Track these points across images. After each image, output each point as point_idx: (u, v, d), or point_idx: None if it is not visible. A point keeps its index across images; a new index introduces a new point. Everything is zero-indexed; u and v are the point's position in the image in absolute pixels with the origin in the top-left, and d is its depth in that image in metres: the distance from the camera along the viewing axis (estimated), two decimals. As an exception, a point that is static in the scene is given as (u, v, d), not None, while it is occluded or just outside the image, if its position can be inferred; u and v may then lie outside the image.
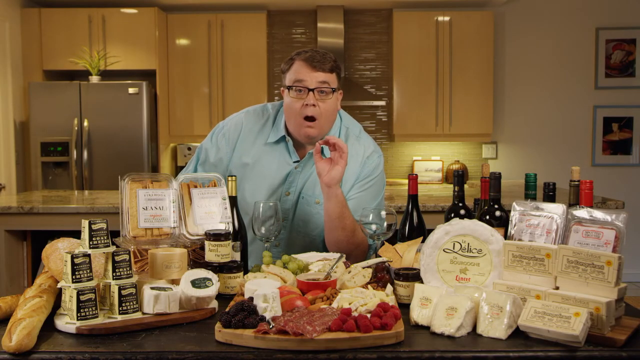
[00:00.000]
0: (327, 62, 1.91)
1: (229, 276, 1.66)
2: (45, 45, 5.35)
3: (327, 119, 1.94)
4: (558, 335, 1.27)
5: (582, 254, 1.36)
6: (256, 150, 2.05)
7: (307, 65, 1.90)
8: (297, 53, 1.95)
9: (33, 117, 5.08)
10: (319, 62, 1.89)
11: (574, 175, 1.65)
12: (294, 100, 1.92)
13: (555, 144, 5.88)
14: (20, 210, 3.25)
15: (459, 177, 1.83)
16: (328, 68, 1.91)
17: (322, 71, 1.90)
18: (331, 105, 1.94)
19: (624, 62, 5.79)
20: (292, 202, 2.03)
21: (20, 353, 1.25)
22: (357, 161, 2.03)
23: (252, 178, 2.04)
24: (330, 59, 1.93)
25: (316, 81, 1.90)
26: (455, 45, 5.53)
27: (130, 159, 5.11)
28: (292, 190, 2.02)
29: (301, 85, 1.90)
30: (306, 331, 1.25)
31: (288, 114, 1.97)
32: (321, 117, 1.92)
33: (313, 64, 1.89)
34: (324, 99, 1.91)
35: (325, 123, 1.95)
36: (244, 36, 5.54)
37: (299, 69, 1.91)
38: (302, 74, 1.90)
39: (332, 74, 1.92)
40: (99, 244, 1.44)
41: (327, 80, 1.90)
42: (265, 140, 2.04)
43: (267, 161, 2.03)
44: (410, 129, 5.60)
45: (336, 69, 1.94)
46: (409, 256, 1.69)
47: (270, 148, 2.04)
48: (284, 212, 2.01)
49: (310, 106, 1.90)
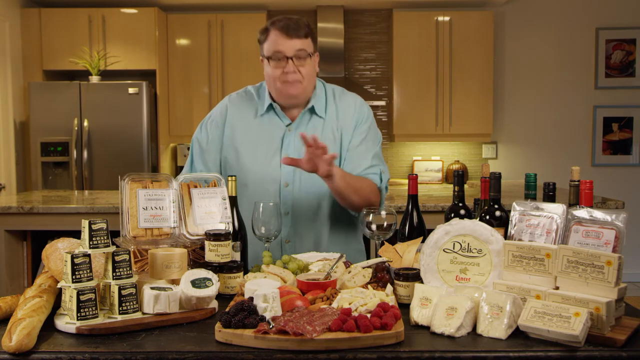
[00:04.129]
0: (301, 28, 1.99)
1: (229, 276, 1.66)
2: (45, 45, 5.35)
3: (308, 81, 2.04)
4: (558, 335, 1.26)
5: (582, 254, 1.36)
6: (247, 124, 2.11)
7: (283, 35, 1.98)
8: (271, 22, 2.02)
9: (33, 117, 5.08)
10: (294, 30, 1.98)
11: (574, 175, 1.65)
12: (274, 70, 2.01)
13: (555, 144, 5.88)
14: (20, 210, 3.25)
15: (459, 177, 1.83)
16: (303, 34, 1.99)
17: (297, 38, 1.98)
18: (310, 69, 2.04)
19: (624, 62, 5.79)
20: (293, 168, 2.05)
21: (20, 353, 1.25)
22: (351, 108, 2.13)
23: (249, 146, 2.09)
24: (304, 25, 2.01)
25: (293, 49, 1.98)
26: (455, 45, 5.53)
27: (130, 159, 5.11)
28: (292, 151, 2.06)
29: (279, 55, 1.98)
30: (306, 331, 1.25)
31: (269, 82, 2.06)
32: (303, 80, 2.02)
33: (289, 33, 1.97)
34: (303, 64, 2.01)
35: (307, 85, 2.04)
36: (244, 36, 5.54)
37: (276, 38, 1.99)
38: (279, 43, 1.98)
39: (308, 39, 2.01)
40: (99, 244, 1.44)
41: (303, 47, 1.99)
42: (255, 114, 2.12)
43: (261, 129, 2.10)
44: (410, 129, 5.60)
45: (310, 34, 2.03)
46: (409, 256, 1.69)
47: (260, 119, 2.11)
48: (287, 176, 2.05)
49: (291, 73, 1.99)
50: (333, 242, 2.12)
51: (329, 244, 2.11)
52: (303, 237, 2.08)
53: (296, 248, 2.07)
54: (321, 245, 2.10)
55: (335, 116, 2.11)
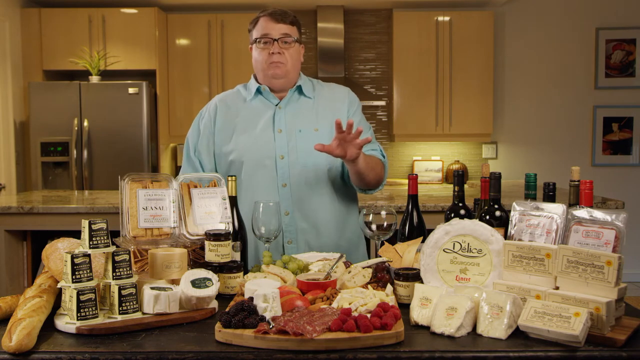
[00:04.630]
0: (288, 16, 2.14)
1: (229, 276, 1.66)
2: (45, 45, 5.35)
3: (292, 65, 2.14)
4: (558, 335, 1.26)
5: (582, 254, 1.36)
6: (237, 110, 2.19)
7: (271, 20, 2.12)
8: (260, 12, 2.17)
9: (33, 117, 5.08)
10: (281, 16, 2.12)
11: (574, 175, 1.65)
12: (260, 52, 2.13)
13: (555, 144, 5.88)
14: (20, 210, 3.25)
15: (459, 177, 1.83)
16: (289, 21, 2.13)
17: (283, 23, 2.11)
18: (294, 54, 2.15)
19: (624, 62, 5.79)
20: (291, 138, 2.11)
21: (20, 353, 1.25)
22: (341, 90, 2.25)
23: (242, 126, 2.16)
24: (291, 15, 2.16)
25: (279, 32, 2.11)
26: (455, 45, 5.53)
27: (130, 159, 5.11)
28: (283, 126, 2.13)
29: (267, 37, 2.11)
30: (306, 331, 1.25)
31: (256, 65, 2.17)
32: (287, 62, 2.12)
33: (275, 18, 2.11)
34: (288, 47, 2.12)
35: (291, 68, 2.14)
36: (244, 36, 5.53)
37: (264, 24, 2.13)
38: (267, 28, 2.12)
39: (293, 27, 2.14)
40: (99, 244, 1.44)
41: (288, 32, 2.12)
42: (243, 102, 2.21)
43: (252, 111, 2.18)
44: (410, 129, 5.60)
45: (296, 23, 2.17)
46: (409, 256, 1.69)
47: (249, 103, 2.20)
48: (282, 149, 2.10)
49: (276, 54, 2.10)
50: (333, 215, 2.14)
51: (329, 218, 2.13)
52: (304, 207, 2.10)
53: (296, 221, 2.09)
54: (321, 218, 2.11)
55: (325, 97, 2.21)
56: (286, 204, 2.08)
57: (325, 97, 2.21)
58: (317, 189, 2.11)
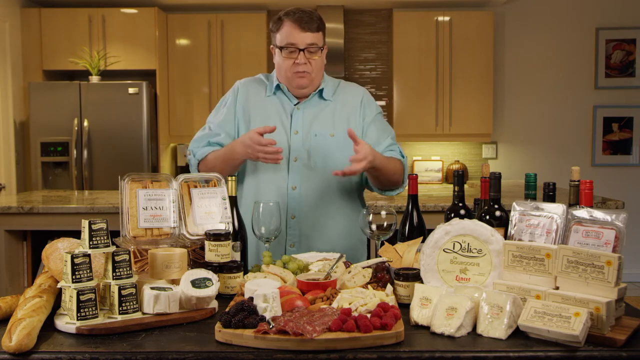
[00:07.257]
0: (314, 22, 2.07)
1: (229, 276, 1.66)
2: (45, 45, 5.35)
3: (316, 73, 2.12)
4: (558, 335, 1.26)
5: (582, 254, 1.36)
6: (258, 100, 2.19)
7: (297, 27, 2.05)
8: (285, 13, 2.10)
9: (33, 117, 5.08)
10: (307, 23, 2.05)
11: (574, 175, 1.65)
12: (285, 60, 2.09)
13: (555, 144, 5.88)
14: (20, 210, 3.25)
15: (459, 177, 1.83)
16: (315, 28, 2.07)
17: (310, 31, 2.06)
18: (319, 62, 2.12)
19: (624, 62, 5.79)
20: (307, 141, 2.11)
21: (20, 353, 1.25)
22: (355, 100, 2.20)
23: (259, 119, 2.15)
24: (317, 18, 2.10)
25: (305, 42, 2.06)
26: (455, 45, 5.53)
27: (130, 159, 5.11)
28: (300, 128, 2.13)
29: (292, 47, 2.06)
30: (306, 331, 1.25)
31: (280, 71, 2.14)
32: (312, 72, 2.10)
33: (302, 25, 2.05)
34: (313, 57, 2.09)
35: (315, 76, 2.13)
36: (244, 36, 5.54)
37: (289, 30, 2.06)
38: (292, 36, 2.06)
39: (319, 33, 2.09)
40: (99, 244, 1.44)
41: (314, 41, 2.07)
42: (264, 94, 2.20)
43: (271, 105, 2.18)
44: (410, 129, 5.60)
45: (322, 27, 2.12)
46: (409, 256, 1.69)
47: (270, 98, 2.19)
48: (297, 152, 2.11)
49: (302, 64, 2.07)
50: (339, 223, 2.14)
51: (334, 226, 2.13)
52: (311, 213, 2.10)
53: (301, 226, 2.10)
54: (327, 225, 2.12)
55: (342, 101, 2.19)
56: (294, 207, 2.08)
57: (342, 102, 2.19)
58: (327, 196, 2.11)
